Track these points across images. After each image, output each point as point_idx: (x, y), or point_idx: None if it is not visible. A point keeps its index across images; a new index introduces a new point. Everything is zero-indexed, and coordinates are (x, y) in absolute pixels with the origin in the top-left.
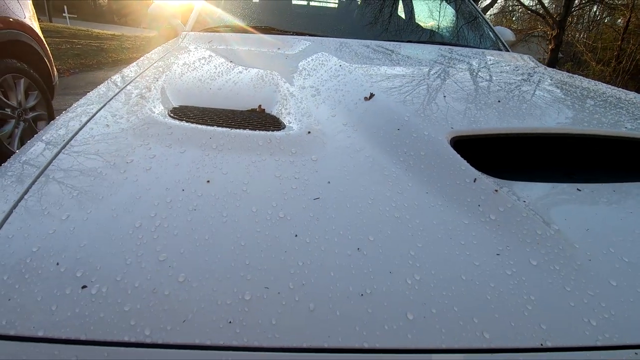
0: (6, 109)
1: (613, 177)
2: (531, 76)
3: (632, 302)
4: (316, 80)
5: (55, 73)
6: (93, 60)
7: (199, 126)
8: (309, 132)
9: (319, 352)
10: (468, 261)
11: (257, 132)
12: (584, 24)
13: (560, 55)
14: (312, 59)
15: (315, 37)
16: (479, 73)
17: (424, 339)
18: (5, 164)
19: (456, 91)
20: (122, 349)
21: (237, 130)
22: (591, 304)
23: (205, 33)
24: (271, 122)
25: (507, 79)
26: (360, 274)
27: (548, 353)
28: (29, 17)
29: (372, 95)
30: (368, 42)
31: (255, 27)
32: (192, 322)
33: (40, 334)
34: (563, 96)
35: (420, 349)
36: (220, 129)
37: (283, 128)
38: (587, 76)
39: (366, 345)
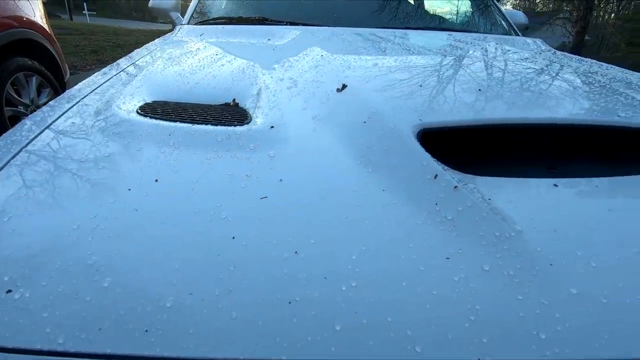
0: (19, 107)
1: (604, 171)
2: (529, 62)
3: (591, 313)
4: (296, 72)
5: (67, 70)
6: (109, 56)
7: (161, 122)
8: (272, 127)
9: None
10: (413, 266)
11: (218, 127)
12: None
13: (587, 37)
14: (298, 50)
15: (308, 27)
16: (467, 60)
17: (349, 352)
18: None
19: (434, 80)
20: (43, 357)
21: (199, 126)
22: (543, 315)
23: (199, 26)
24: (238, 117)
25: (496, 66)
26: (293, 280)
27: None
28: (40, 16)
29: (344, 86)
30: (361, 30)
31: (249, 19)
32: (108, 330)
33: None
34: (557, 83)
35: None
36: (181, 124)
37: (247, 123)
38: (615, 59)
39: (284, 358)
